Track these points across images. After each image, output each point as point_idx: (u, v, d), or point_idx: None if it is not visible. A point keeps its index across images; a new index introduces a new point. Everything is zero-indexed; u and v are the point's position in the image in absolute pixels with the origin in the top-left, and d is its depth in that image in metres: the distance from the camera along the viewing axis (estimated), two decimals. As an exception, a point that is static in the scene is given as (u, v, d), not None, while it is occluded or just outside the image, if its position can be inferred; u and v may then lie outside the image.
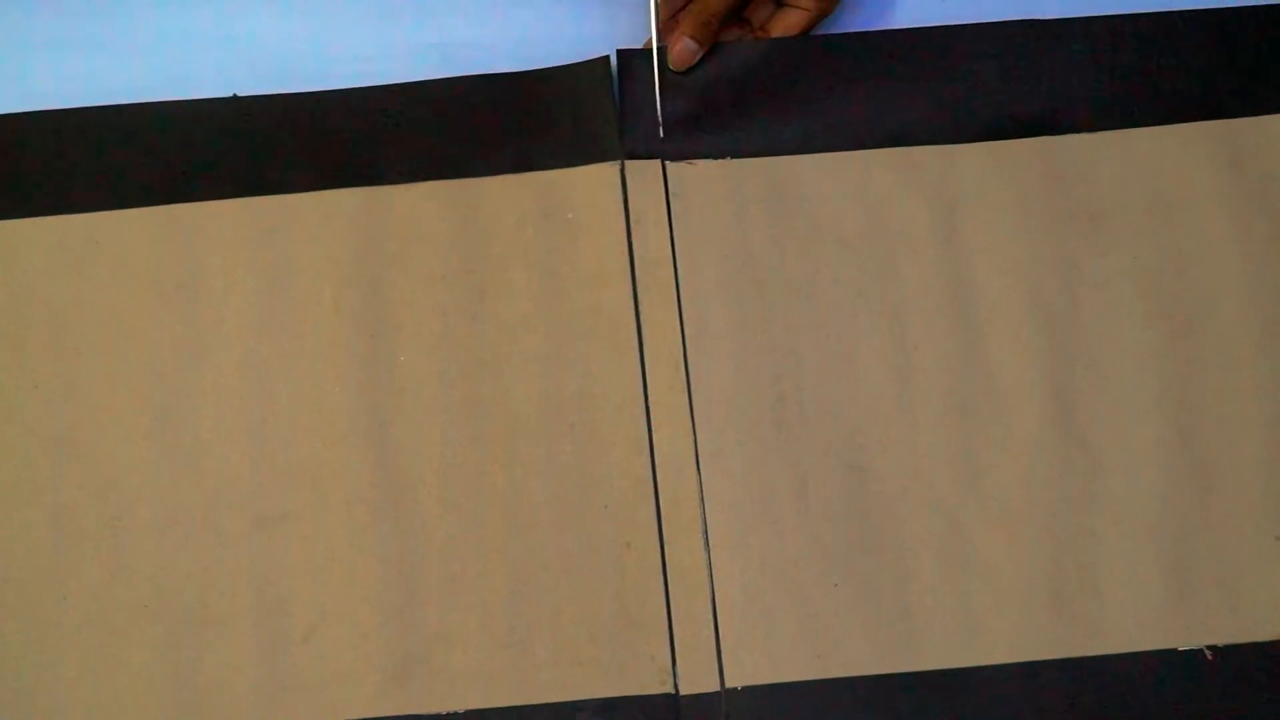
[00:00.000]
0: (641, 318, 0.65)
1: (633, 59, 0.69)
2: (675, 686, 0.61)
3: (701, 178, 0.67)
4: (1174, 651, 0.61)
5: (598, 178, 0.67)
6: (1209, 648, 0.61)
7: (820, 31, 0.70)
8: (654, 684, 0.61)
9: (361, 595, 0.62)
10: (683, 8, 0.70)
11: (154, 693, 0.61)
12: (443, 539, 0.63)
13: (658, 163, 0.68)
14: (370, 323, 0.65)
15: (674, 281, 0.66)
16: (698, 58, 0.68)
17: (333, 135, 0.68)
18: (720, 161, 0.68)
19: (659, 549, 0.62)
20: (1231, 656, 0.61)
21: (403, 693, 0.61)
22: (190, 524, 0.63)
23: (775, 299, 0.66)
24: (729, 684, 0.61)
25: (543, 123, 0.68)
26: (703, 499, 0.63)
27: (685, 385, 0.64)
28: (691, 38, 0.67)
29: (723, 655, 0.61)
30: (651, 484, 0.63)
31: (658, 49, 0.68)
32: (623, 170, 0.67)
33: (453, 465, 0.64)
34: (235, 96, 0.69)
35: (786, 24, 0.69)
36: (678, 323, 0.65)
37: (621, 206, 0.67)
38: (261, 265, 0.66)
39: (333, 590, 0.62)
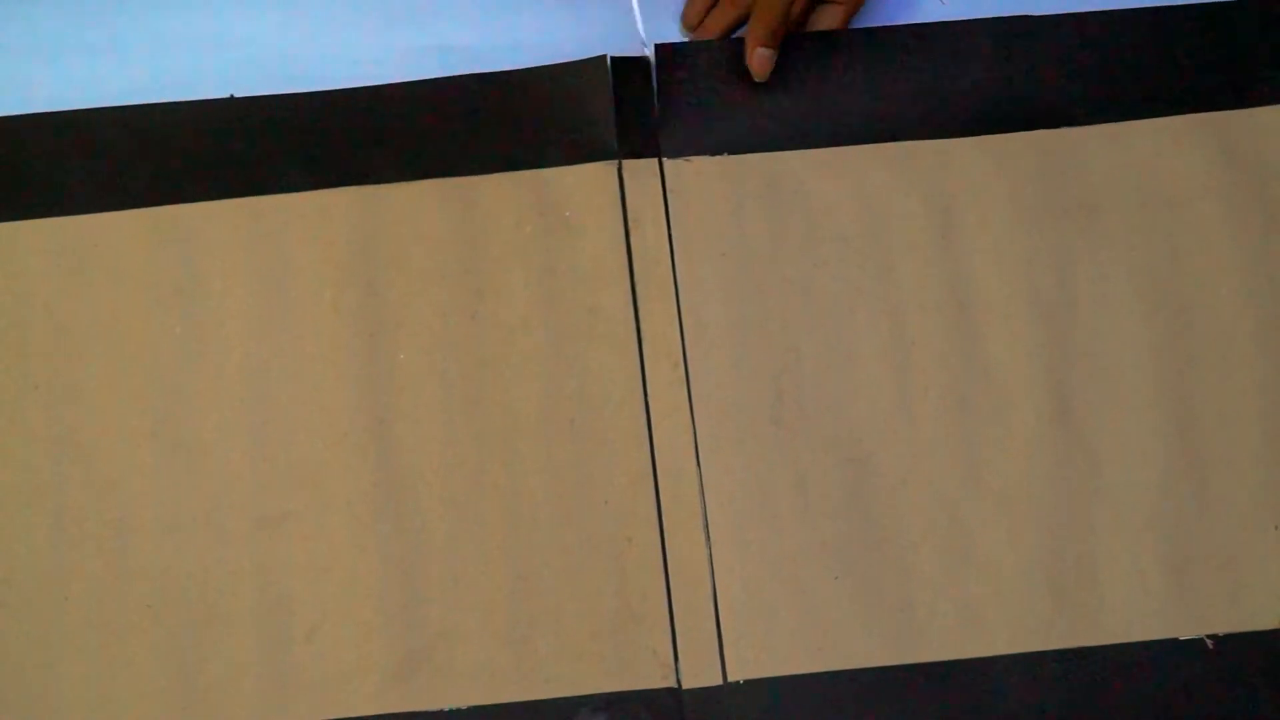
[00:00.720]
0: (640, 315, 0.66)
1: (629, 59, 0.69)
2: (678, 680, 0.61)
3: (698, 174, 0.68)
4: (1174, 641, 0.61)
5: (595, 176, 0.68)
6: (1209, 637, 0.61)
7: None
8: (656, 678, 0.61)
9: (363, 593, 0.62)
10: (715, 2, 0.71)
11: (157, 693, 0.61)
12: (444, 537, 0.63)
13: (655, 161, 0.68)
14: (369, 322, 0.66)
15: (672, 278, 0.66)
16: (774, 62, 0.68)
17: (329, 135, 0.68)
18: (717, 158, 0.68)
19: (660, 544, 0.63)
20: (1231, 645, 0.61)
21: (405, 690, 0.61)
22: (192, 525, 0.63)
23: (773, 295, 0.66)
24: (731, 677, 0.61)
25: (540, 121, 0.69)
26: (703, 494, 0.63)
27: (685, 381, 0.65)
28: (765, 46, 0.67)
29: (725, 649, 0.61)
30: (652, 480, 0.63)
31: (670, 49, 0.69)
32: (620, 169, 0.68)
33: (453, 464, 0.64)
34: (232, 97, 0.69)
35: (826, 19, 0.70)
36: (676, 319, 0.65)
37: (619, 204, 0.67)
38: (260, 266, 0.67)
39: (334, 589, 0.62)
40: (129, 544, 0.63)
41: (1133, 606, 0.61)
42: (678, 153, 0.68)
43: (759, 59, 0.68)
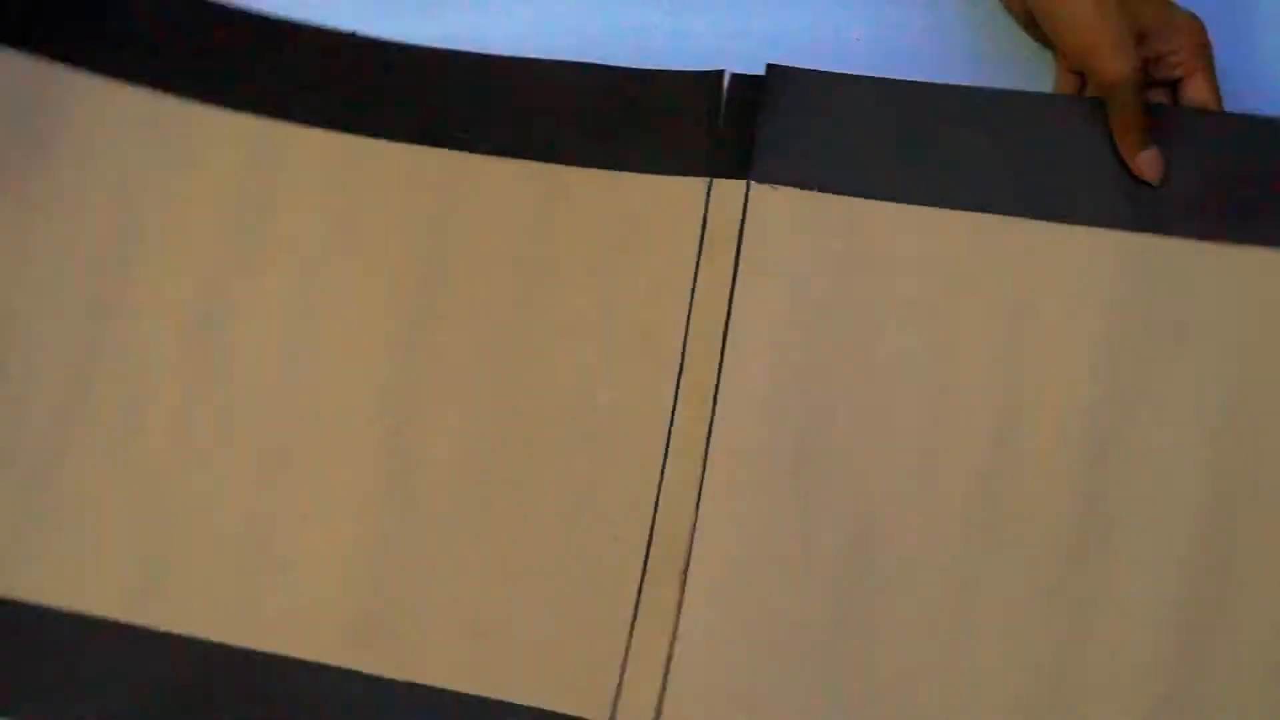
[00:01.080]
0: (689, 343, 0.63)
1: (741, 76, 0.66)
2: (612, 719, 0.59)
3: (781, 206, 0.64)
4: None
5: (683, 191, 0.65)
6: None
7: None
8: (592, 709, 0.59)
9: (341, 546, 0.62)
10: None
11: (121, 580, 0.62)
12: (435, 514, 0.62)
13: (743, 183, 0.64)
14: (421, 295, 0.65)
15: (726, 309, 0.63)
16: (1162, 158, 0.62)
17: (434, 91, 0.68)
18: (806, 193, 0.64)
19: (639, 578, 0.61)
20: None
21: (358, 647, 0.61)
22: (200, 431, 0.64)
23: (822, 350, 0.62)
24: None
25: (644, 126, 0.66)
26: (693, 539, 0.60)
27: (709, 419, 0.62)
28: (1144, 149, 0.62)
29: (664, 704, 0.59)
30: (651, 510, 0.61)
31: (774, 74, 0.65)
32: (709, 187, 0.65)
33: (466, 446, 0.63)
34: (354, 34, 0.69)
35: (1194, 92, 0.63)
36: (718, 353, 0.62)
37: (700, 224, 0.65)
38: (332, 212, 0.67)
39: (315, 533, 0.63)
40: (134, 427, 0.64)
41: None
42: (767, 179, 0.64)
43: (1147, 163, 0.62)
